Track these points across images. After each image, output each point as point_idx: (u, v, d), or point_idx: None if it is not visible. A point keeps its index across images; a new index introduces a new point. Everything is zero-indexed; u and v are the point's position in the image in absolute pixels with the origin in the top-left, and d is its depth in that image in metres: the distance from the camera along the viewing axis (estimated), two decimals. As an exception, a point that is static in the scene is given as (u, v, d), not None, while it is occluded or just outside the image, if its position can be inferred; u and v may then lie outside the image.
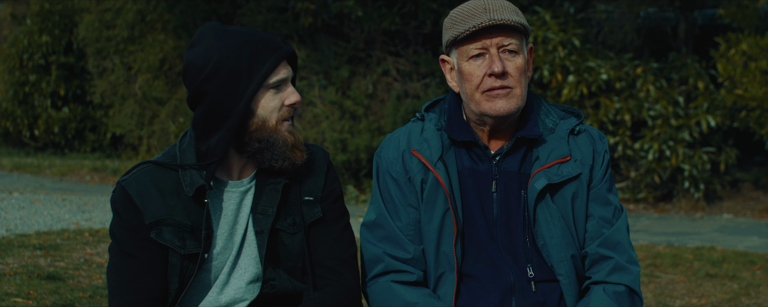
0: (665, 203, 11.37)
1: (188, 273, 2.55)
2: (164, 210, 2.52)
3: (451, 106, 2.74)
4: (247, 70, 2.50)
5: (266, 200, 2.59)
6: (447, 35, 2.64)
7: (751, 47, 10.06)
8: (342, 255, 2.64)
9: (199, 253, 2.53)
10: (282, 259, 2.61)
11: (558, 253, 2.62)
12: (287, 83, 2.58)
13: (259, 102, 2.53)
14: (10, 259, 6.60)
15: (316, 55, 12.45)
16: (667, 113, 10.72)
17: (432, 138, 2.69)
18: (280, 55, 2.53)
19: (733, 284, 6.79)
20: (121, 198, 2.54)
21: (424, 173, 2.67)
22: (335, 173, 2.74)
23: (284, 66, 2.56)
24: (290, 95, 2.56)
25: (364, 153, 11.70)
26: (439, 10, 11.64)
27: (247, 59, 2.50)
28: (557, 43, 10.96)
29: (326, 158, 2.72)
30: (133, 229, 2.52)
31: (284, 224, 2.60)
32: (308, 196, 2.63)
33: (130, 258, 2.52)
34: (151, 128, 14.52)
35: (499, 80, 2.57)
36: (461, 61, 2.62)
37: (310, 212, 2.63)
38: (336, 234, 2.66)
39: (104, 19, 14.88)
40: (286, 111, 2.56)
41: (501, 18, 2.53)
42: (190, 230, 2.53)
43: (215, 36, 2.53)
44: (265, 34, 2.60)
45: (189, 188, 2.52)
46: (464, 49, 2.60)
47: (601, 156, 2.70)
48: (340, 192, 2.74)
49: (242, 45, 2.51)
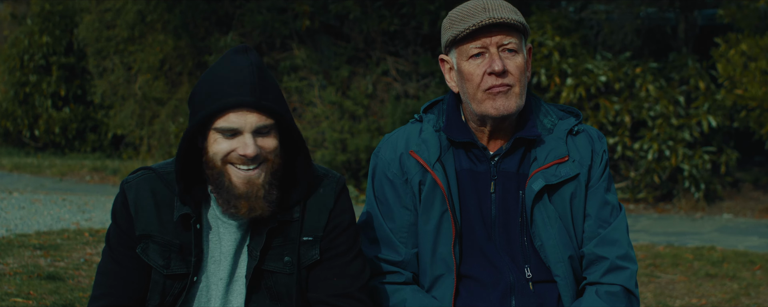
0: (665, 203, 11.36)
1: (172, 292, 2.52)
2: (155, 225, 2.51)
3: (449, 107, 2.74)
4: (201, 102, 2.44)
5: (256, 240, 2.52)
6: (446, 35, 2.63)
7: (750, 47, 10.06)
8: (347, 290, 2.54)
9: (185, 273, 2.51)
10: (280, 296, 2.55)
11: (555, 254, 2.62)
12: (242, 133, 2.42)
13: (208, 140, 2.44)
14: (10, 259, 6.60)
15: (315, 55, 12.46)
16: (667, 113, 10.72)
17: (430, 139, 2.68)
18: (230, 102, 2.39)
19: (733, 284, 6.79)
20: (120, 201, 2.55)
21: (422, 175, 2.67)
22: (346, 203, 2.60)
23: (242, 115, 2.41)
24: (243, 147, 2.41)
25: (363, 153, 11.70)
26: (436, 12, 11.64)
27: (206, 91, 2.44)
28: (552, 48, 10.95)
29: (336, 188, 2.58)
30: (122, 235, 2.53)
31: (278, 265, 2.53)
32: (307, 236, 2.54)
33: (113, 262, 2.54)
34: (151, 128, 14.53)
35: (499, 79, 2.56)
36: (461, 61, 2.61)
37: (307, 255, 2.54)
38: (337, 270, 2.55)
39: (104, 20, 14.89)
40: (236, 158, 2.42)
41: (500, 16, 2.53)
42: (178, 248, 2.51)
43: (220, 60, 2.51)
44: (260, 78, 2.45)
45: (176, 212, 2.50)
46: (464, 48, 2.59)
47: (600, 156, 2.70)
48: (348, 223, 2.59)
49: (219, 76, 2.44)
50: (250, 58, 2.46)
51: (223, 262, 2.55)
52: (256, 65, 2.45)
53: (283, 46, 12.77)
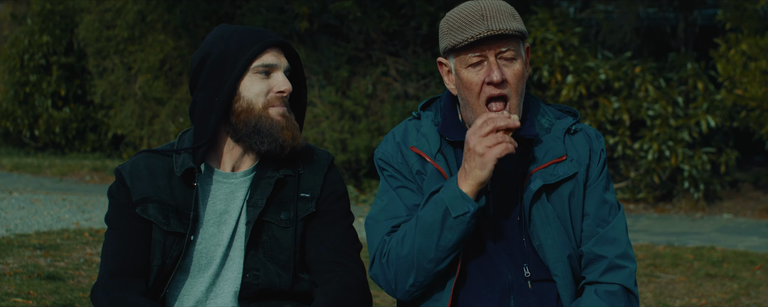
0: (665, 203, 11.37)
1: (171, 253, 2.59)
2: (151, 189, 2.60)
3: (446, 106, 2.74)
4: (234, 55, 2.58)
5: (260, 193, 2.64)
6: (444, 42, 2.62)
7: (750, 48, 10.06)
8: (347, 249, 2.69)
9: (183, 233, 2.59)
10: (274, 252, 2.64)
11: (554, 254, 2.62)
12: (277, 71, 2.62)
13: (245, 85, 2.59)
14: (10, 259, 6.60)
15: (315, 56, 12.46)
16: (666, 113, 10.72)
17: (430, 133, 2.70)
18: (267, 42, 2.60)
19: (733, 284, 6.79)
20: (116, 182, 2.66)
21: (421, 166, 2.68)
22: (338, 175, 2.77)
23: (274, 54, 2.62)
24: (280, 84, 2.61)
25: (364, 153, 11.70)
26: (436, 13, 11.64)
27: (234, 47, 2.59)
28: (556, 44, 10.96)
29: (329, 160, 2.76)
30: (121, 206, 2.62)
31: (275, 218, 2.64)
32: (305, 193, 2.68)
33: (115, 232, 2.61)
34: (151, 128, 14.53)
35: (497, 89, 2.57)
36: (459, 68, 2.61)
37: (304, 207, 2.68)
38: (339, 232, 2.70)
39: (104, 20, 14.88)
40: (274, 97, 2.61)
41: (498, 28, 2.51)
42: (175, 209, 2.59)
43: (214, 33, 2.66)
44: (265, 30, 2.68)
45: (179, 169, 2.60)
46: (462, 57, 2.59)
47: (598, 155, 2.70)
48: (343, 193, 2.76)
49: (233, 36, 2.62)
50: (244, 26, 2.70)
51: (223, 223, 2.64)
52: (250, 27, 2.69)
53: (283, 46, 12.77)
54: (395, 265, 2.59)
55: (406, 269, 2.58)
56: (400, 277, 2.59)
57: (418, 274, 2.57)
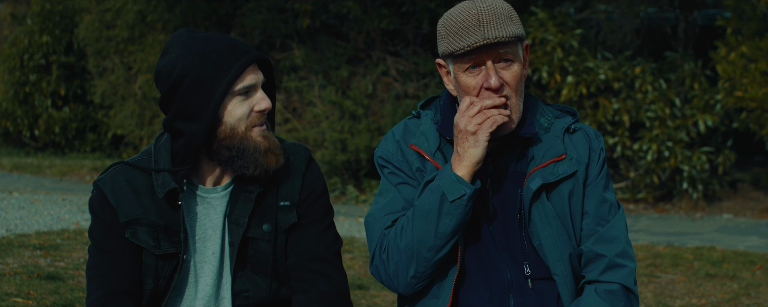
0: (665, 203, 11.37)
1: (164, 274, 2.55)
2: (139, 209, 2.53)
3: (445, 106, 2.75)
4: (212, 78, 2.46)
5: (240, 208, 2.57)
6: (442, 46, 2.62)
7: (751, 49, 10.07)
8: (324, 254, 2.63)
9: (175, 252, 2.54)
10: (260, 264, 2.59)
11: (554, 253, 2.63)
12: (256, 89, 2.52)
13: (226, 109, 2.48)
14: (10, 259, 6.60)
15: (315, 55, 12.46)
16: (664, 114, 10.73)
17: (429, 132, 2.70)
18: (245, 61, 2.48)
19: (733, 284, 6.79)
20: (97, 197, 2.57)
21: (420, 163, 2.68)
22: (316, 171, 2.69)
23: (252, 71, 2.51)
24: (260, 101, 2.51)
25: (363, 153, 11.70)
26: (436, 10, 11.65)
27: (212, 66, 2.46)
28: (556, 44, 10.96)
29: (305, 156, 2.67)
30: (107, 226, 2.54)
31: (258, 232, 2.58)
32: (284, 201, 2.61)
33: (103, 253, 2.55)
34: (151, 128, 14.53)
35: (495, 93, 2.58)
36: (458, 72, 2.62)
37: (285, 218, 2.61)
38: (315, 235, 2.63)
39: (104, 19, 14.88)
40: (256, 117, 2.51)
41: (495, 36, 2.50)
42: (164, 229, 2.53)
43: (183, 43, 2.51)
44: (234, 39, 2.55)
45: (160, 190, 2.52)
46: (460, 62, 2.59)
47: (597, 154, 2.71)
48: (322, 190, 2.69)
49: (208, 52, 2.47)
50: (208, 32, 2.57)
51: (208, 239, 2.58)
52: (219, 33, 2.58)
53: (283, 46, 12.77)
54: (395, 257, 2.59)
55: (406, 260, 2.57)
56: (401, 269, 2.59)
57: (419, 264, 2.57)
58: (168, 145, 2.57)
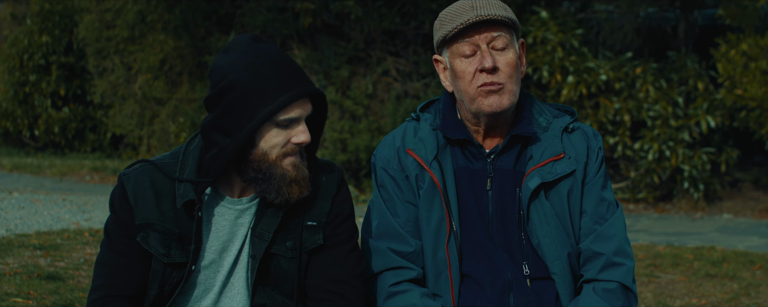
0: (665, 203, 11.36)
1: (170, 281, 2.53)
2: (156, 214, 2.50)
3: (445, 106, 2.76)
4: (257, 99, 2.41)
5: (265, 223, 2.54)
6: (437, 35, 2.66)
7: (751, 47, 10.06)
8: (344, 277, 2.57)
9: (184, 262, 2.51)
10: (279, 282, 2.57)
11: (552, 252, 2.63)
12: (299, 122, 2.46)
13: (263, 135, 2.44)
14: (10, 259, 6.60)
15: (316, 55, 12.45)
16: (666, 114, 10.72)
17: (427, 138, 2.70)
18: (294, 94, 2.42)
19: (733, 284, 6.78)
20: (118, 193, 2.54)
21: (419, 171, 2.69)
22: (346, 194, 2.64)
23: (300, 105, 2.44)
24: (299, 134, 2.46)
25: (363, 153, 11.70)
26: (438, 10, 11.64)
27: (260, 88, 2.41)
28: (556, 44, 10.96)
29: (337, 177, 2.62)
30: (122, 225, 2.52)
31: (282, 249, 2.55)
32: (312, 221, 2.57)
33: (114, 253, 2.53)
34: (151, 128, 14.52)
35: (490, 76, 2.59)
36: (453, 60, 2.64)
37: (311, 239, 2.57)
38: (338, 257, 2.58)
39: (104, 19, 14.88)
40: (291, 148, 2.46)
41: (487, 13, 2.56)
42: (177, 237, 2.50)
43: (243, 52, 2.46)
44: (295, 65, 2.48)
45: (180, 200, 2.49)
46: (455, 47, 2.62)
47: (595, 153, 2.72)
48: (350, 213, 2.64)
49: (263, 71, 2.42)
50: (273, 46, 2.50)
51: (224, 251, 2.56)
52: (283, 53, 2.51)
53: (283, 46, 12.77)
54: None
55: None
56: None
57: None
58: (197, 153, 2.53)
